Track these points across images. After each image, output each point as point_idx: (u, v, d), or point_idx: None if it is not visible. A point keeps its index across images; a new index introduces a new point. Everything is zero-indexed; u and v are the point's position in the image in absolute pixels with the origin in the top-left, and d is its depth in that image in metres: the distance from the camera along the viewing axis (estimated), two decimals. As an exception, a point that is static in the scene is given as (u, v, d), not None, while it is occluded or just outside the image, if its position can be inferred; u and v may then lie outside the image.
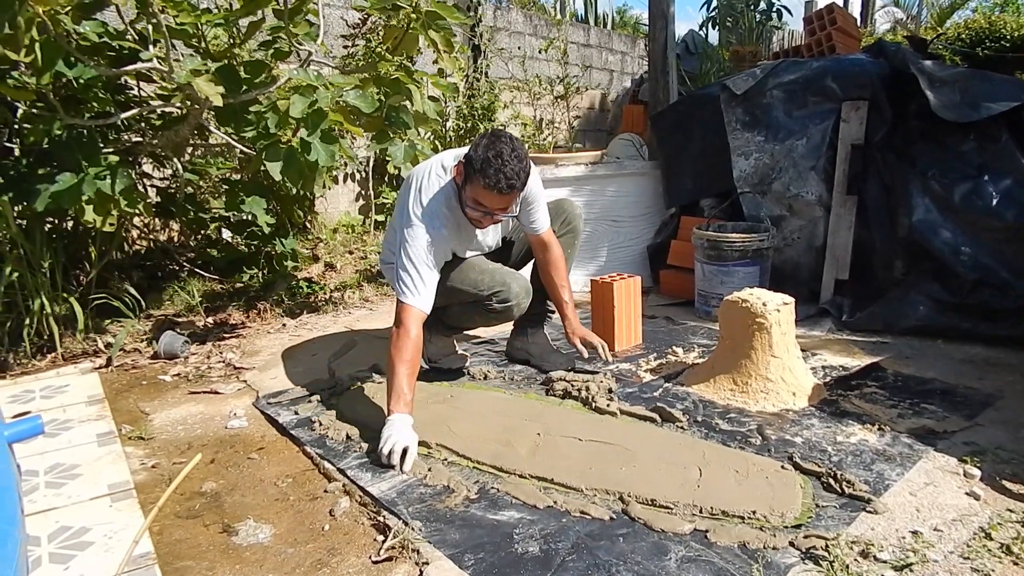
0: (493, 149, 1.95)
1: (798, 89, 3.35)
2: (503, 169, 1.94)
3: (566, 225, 2.49)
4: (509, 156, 1.95)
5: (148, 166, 3.45)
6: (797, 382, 2.14)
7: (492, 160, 1.94)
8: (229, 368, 2.64)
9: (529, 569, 1.34)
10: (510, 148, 1.96)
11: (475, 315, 2.31)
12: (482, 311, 2.27)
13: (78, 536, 1.50)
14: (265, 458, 1.90)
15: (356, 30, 4.55)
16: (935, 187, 2.91)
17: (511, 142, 1.98)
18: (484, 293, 2.23)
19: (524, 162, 1.99)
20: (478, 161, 1.96)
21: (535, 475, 1.69)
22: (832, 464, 1.70)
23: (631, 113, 5.81)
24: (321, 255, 4.26)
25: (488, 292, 2.22)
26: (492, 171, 1.94)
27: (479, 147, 1.98)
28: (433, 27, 2.73)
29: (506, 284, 2.23)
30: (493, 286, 2.22)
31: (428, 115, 2.98)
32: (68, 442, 1.98)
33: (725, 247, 3.05)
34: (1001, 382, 2.25)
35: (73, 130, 2.57)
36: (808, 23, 5.19)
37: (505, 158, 1.94)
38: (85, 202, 2.53)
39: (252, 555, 1.45)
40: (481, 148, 1.97)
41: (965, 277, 2.74)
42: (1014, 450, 1.77)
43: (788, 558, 1.34)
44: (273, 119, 2.54)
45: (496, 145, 1.96)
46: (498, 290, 2.22)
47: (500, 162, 1.94)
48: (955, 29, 6.09)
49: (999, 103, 2.85)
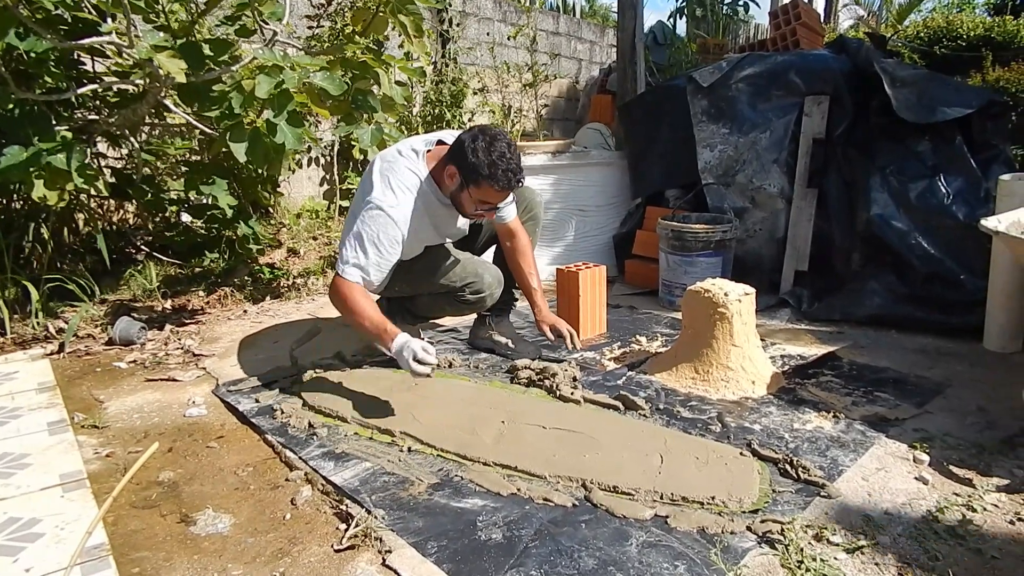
0: (495, 150, 1.96)
1: (763, 83, 3.40)
2: (510, 167, 1.97)
3: (527, 212, 2.49)
4: (510, 152, 1.98)
5: (103, 145, 3.34)
6: (757, 371, 2.19)
7: (498, 162, 1.95)
8: (188, 355, 2.58)
9: (492, 556, 1.34)
10: (506, 143, 1.98)
11: (446, 305, 2.30)
12: (453, 301, 2.26)
13: (28, 528, 1.45)
14: (225, 447, 1.87)
15: (321, 10, 4.45)
16: (893, 183, 2.99)
17: (504, 137, 2.00)
18: (457, 284, 2.22)
19: (517, 150, 2.02)
20: (484, 166, 1.96)
21: (499, 463, 1.69)
22: (789, 450, 1.75)
23: (599, 103, 5.81)
24: (284, 240, 4.18)
25: (461, 283, 2.21)
26: (501, 172, 1.96)
27: (477, 151, 1.96)
28: (403, 11, 2.69)
29: (479, 275, 2.22)
30: (466, 277, 2.21)
31: (395, 100, 2.94)
32: (17, 431, 1.92)
33: (689, 238, 3.09)
34: (950, 371, 2.34)
35: (24, 105, 2.47)
36: (774, 17, 5.26)
37: (508, 156, 1.97)
38: (35, 176, 2.43)
39: (211, 545, 1.42)
40: (481, 152, 1.96)
41: (919, 270, 2.83)
42: (961, 437, 1.83)
43: (745, 542, 1.37)
44: (238, 99, 2.48)
45: (495, 146, 1.96)
46: (471, 281, 2.21)
47: (505, 162, 1.96)
48: (914, 27, 6.24)
49: (953, 108, 2.95)
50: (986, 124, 3.03)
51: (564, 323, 2.40)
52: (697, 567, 1.29)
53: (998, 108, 3.06)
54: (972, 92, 3.13)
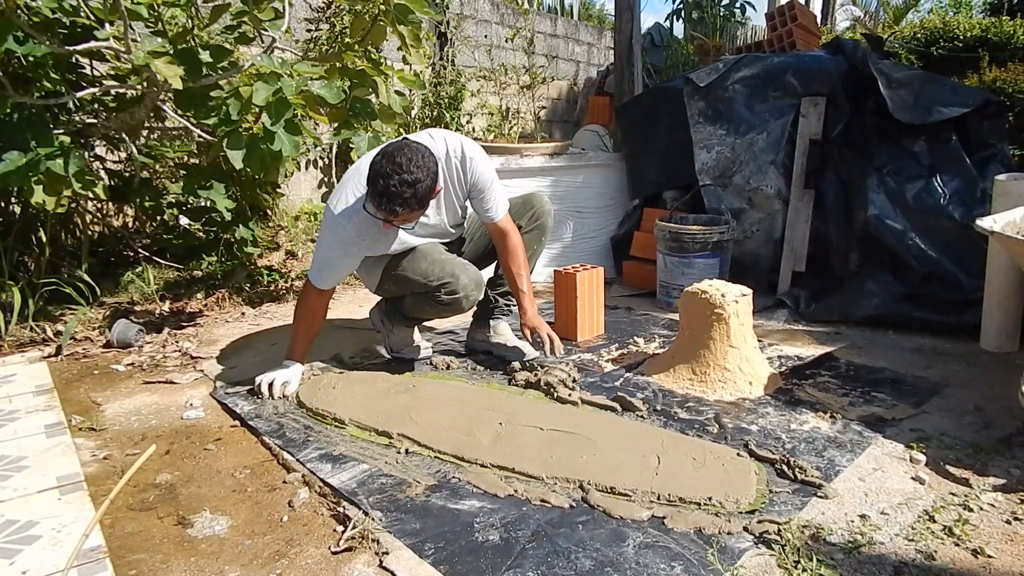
0: (380, 169, 1.90)
1: (759, 84, 3.41)
2: (385, 191, 1.89)
3: (534, 220, 2.46)
4: (398, 183, 1.88)
5: (101, 149, 3.34)
6: (754, 371, 2.19)
7: (376, 181, 1.90)
8: (186, 357, 2.58)
9: (489, 557, 1.34)
10: (401, 172, 1.88)
11: (426, 306, 2.28)
12: (431, 302, 2.24)
13: (25, 530, 1.45)
14: (222, 449, 1.87)
15: (320, 14, 4.46)
16: (890, 183, 3.00)
17: (408, 163, 1.89)
18: (432, 284, 2.20)
19: (418, 186, 1.90)
20: (369, 178, 1.93)
21: (496, 464, 1.69)
22: (786, 451, 1.75)
23: (597, 104, 5.82)
24: (282, 243, 4.18)
25: (436, 283, 2.20)
26: (377, 195, 1.91)
27: (374, 163, 1.93)
28: (403, 21, 2.69)
29: (455, 276, 2.19)
30: (442, 277, 2.19)
31: (393, 109, 2.94)
32: (14, 433, 1.92)
33: (686, 239, 3.09)
34: (947, 371, 2.34)
35: (22, 110, 2.47)
36: (770, 19, 5.26)
37: (392, 183, 1.88)
38: (34, 182, 2.43)
39: (208, 547, 1.42)
40: (376, 165, 1.92)
41: (916, 270, 2.84)
42: (958, 436, 1.84)
43: (742, 543, 1.37)
44: (235, 106, 2.48)
45: (383, 165, 1.90)
46: (446, 281, 2.19)
47: (381, 184, 1.89)
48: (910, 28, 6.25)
49: (949, 108, 2.96)
50: (982, 124, 3.04)
51: (545, 328, 2.33)
52: (694, 568, 1.29)
53: (995, 108, 3.07)
54: (968, 92, 3.14)
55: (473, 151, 2.19)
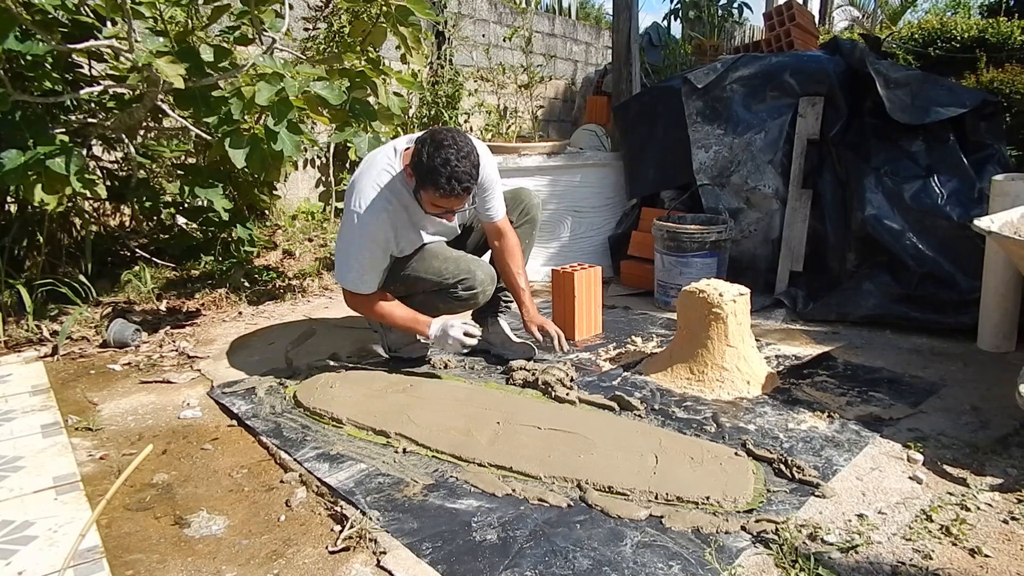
0: (440, 156, 1.92)
1: (757, 84, 3.41)
2: (454, 175, 1.92)
3: (524, 215, 2.48)
4: (457, 159, 1.91)
5: (98, 148, 3.33)
6: (751, 371, 2.19)
7: (441, 169, 1.92)
8: (183, 357, 2.58)
9: (487, 557, 1.34)
10: (455, 149, 1.92)
11: (439, 303, 2.29)
12: (447, 299, 2.26)
13: (21, 530, 1.45)
14: (219, 448, 1.86)
15: (317, 13, 4.45)
16: (887, 183, 3.00)
17: (455, 142, 1.94)
18: (449, 281, 2.22)
19: (472, 156, 1.97)
20: (426, 171, 1.94)
21: (494, 464, 1.69)
22: (783, 450, 1.75)
23: (595, 104, 5.82)
24: (280, 242, 4.18)
25: (453, 280, 2.22)
26: (444, 180, 1.93)
27: (424, 154, 1.94)
28: (404, 22, 2.69)
29: (471, 272, 2.22)
30: (458, 274, 2.22)
31: (392, 110, 2.94)
32: (10, 433, 1.92)
33: (684, 238, 3.09)
34: (945, 371, 2.34)
35: (23, 108, 2.46)
36: (768, 19, 5.27)
37: (453, 163, 1.91)
38: (34, 181, 2.42)
39: (205, 547, 1.42)
40: (426, 156, 1.93)
41: (914, 270, 2.84)
42: (955, 436, 1.84)
43: (740, 542, 1.37)
44: (237, 105, 2.48)
45: (441, 152, 1.92)
46: (464, 277, 2.22)
47: (449, 169, 1.91)
48: (908, 28, 6.26)
49: (947, 108, 2.96)
50: (980, 124, 3.04)
51: (552, 324, 2.39)
52: (692, 567, 1.29)
53: (992, 108, 3.07)
54: (965, 92, 3.14)
55: (481, 150, 2.20)
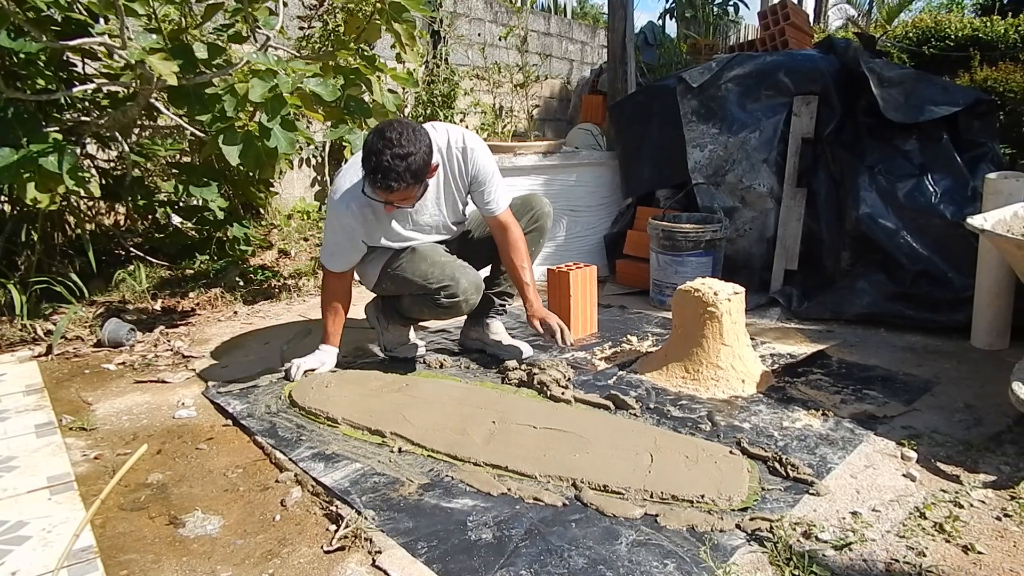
0: (374, 145, 1.90)
1: (752, 83, 3.42)
2: (379, 167, 1.89)
3: (534, 222, 2.46)
4: (390, 155, 1.88)
5: (93, 147, 3.32)
6: (746, 369, 2.19)
7: (369, 158, 1.91)
8: (178, 356, 2.57)
9: (482, 556, 1.34)
10: (391, 143, 1.89)
11: (424, 308, 2.27)
12: (431, 305, 2.23)
13: (14, 531, 1.44)
14: (214, 448, 1.86)
15: (313, 11, 4.45)
16: (881, 182, 3.01)
17: (398, 138, 1.89)
18: (432, 286, 2.19)
19: (412, 157, 1.91)
20: (363, 157, 1.93)
21: (489, 463, 1.69)
22: (778, 448, 1.75)
23: (590, 103, 5.82)
24: (275, 241, 4.17)
25: (437, 286, 2.19)
26: (369, 169, 1.92)
27: (367, 142, 1.93)
28: (398, 19, 2.68)
29: (455, 279, 2.18)
30: (442, 279, 2.18)
31: (387, 107, 2.93)
32: (4, 433, 1.91)
33: (679, 237, 3.10)
34: (938, 369, 2.35)
35: (14, 106, 2.45)
36: (763, 17, 5.27)
37: (383, 155, 1.88)
38: (27, 179, 2.41)
39: (200, 547, 1.42)
40: (368, 142, 1.92)
41: (908, 268, 2.85)
42: (948, 433, 1.85)
43: (734, 540, 1.38)
44: (231, 102, 2.47)
45: (379, 142, 1.90)
46: (446, 284, 2.18)
47: (375, 160, 1.90)
48: (903, 27, 6.28)
49: (940, 107, 2.97)
50: (973, 123, 3.06)
51: (555, 318, 2.34)
52: (687, 565, 1.30)
53: (985, 107, 3.09)
54: (959, 91, 3.15)
55: (474, 142, 2.20)
